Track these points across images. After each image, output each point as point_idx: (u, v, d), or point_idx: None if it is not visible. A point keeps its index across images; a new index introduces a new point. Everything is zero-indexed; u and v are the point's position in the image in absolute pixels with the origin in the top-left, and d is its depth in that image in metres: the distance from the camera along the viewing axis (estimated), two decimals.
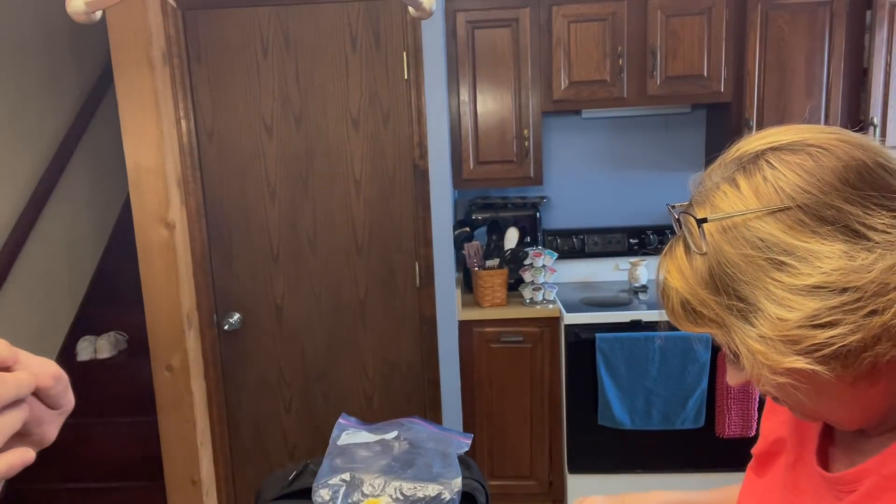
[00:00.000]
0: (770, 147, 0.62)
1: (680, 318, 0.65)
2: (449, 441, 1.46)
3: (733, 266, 0.59)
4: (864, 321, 0.55)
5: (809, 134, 0.62)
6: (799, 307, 0.56)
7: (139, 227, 2.39)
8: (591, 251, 3.22)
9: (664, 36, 2.79)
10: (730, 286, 0.60)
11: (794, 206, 0.58)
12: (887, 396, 0.62)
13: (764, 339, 0.58)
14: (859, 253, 0.56)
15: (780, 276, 0.57)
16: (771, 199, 0.59)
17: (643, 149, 3.24)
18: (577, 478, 2.77)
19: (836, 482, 0.66)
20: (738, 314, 0.59)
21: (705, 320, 0.62)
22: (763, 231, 0.59)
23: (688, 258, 0.63)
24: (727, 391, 2.58)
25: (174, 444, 2.51)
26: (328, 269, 2.63)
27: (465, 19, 2.82)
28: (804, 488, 0.72)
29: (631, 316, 2.66)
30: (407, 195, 2.57)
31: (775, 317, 0.57)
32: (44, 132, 3.31)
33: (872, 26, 2.65)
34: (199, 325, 2.58)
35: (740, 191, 0.61)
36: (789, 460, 0.75)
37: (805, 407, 0.64)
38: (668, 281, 0.65)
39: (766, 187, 0.60)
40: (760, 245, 0.58)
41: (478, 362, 2.80)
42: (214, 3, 2.47)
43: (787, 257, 0.57)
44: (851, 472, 0.64)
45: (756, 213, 0.59)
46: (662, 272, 0.66)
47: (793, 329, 0.56)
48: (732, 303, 0.60)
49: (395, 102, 2.53)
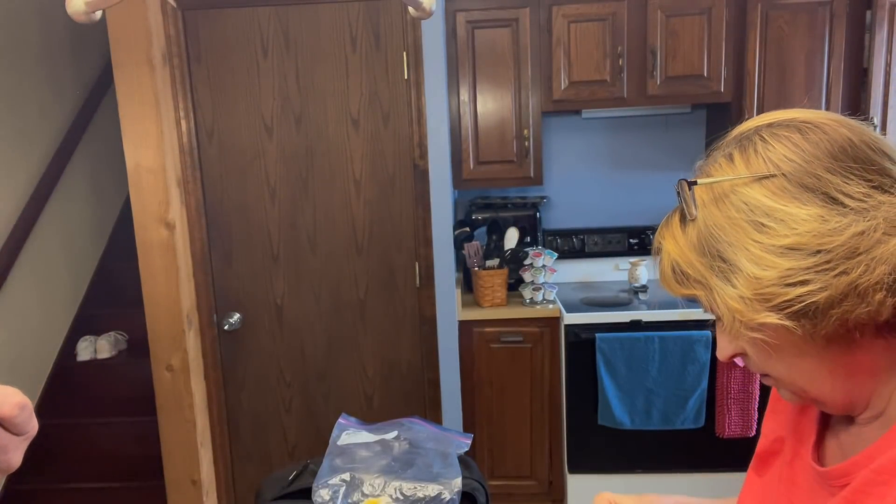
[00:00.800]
0: (766, 124, 0.67)
1: (669, 280, 0.70)
2: (449, 441, 1.46)
3: (719, 228, 0.64)
4: (833, 280, 0.58)
5: (803, 114, 0.66)
6: (773, 266, 0.60)
7: (139, 227, 2.39)
8: (591, 251, 3.22)
9: (664, 36, 2.79)
10: (714, 247, 0.64)
11: (779, 174, 0.62)
12: (871, 377, 0.64)
13: (742, 298, 0.62)
14: (833, 217, 0.59)
15: (759, 237, 0.61)
16: (759, 168, 0.63)
17: (643, 149, 3.24)
18: (577, 478, 2.77)
19: (828, 476, 0.67)
20: (720, 274, 0.63)
21: (691, 281, 0.67)
22: (748, 196, 0.63)
23: (682, 226, 0.68)
24: (727, 391, 2.58)
25: (174, 444, 2.51)
26: (328, 269, 2.63)
27: (465, 19, 2.82)
28: (800, 483, 0.73)
29: (631, 316, 2.66)
30: (407, 195, 2.57)
31: (752, 275, 0.61)
32: (44, 132, 3.31)
33: (872, 26, 2.65)
34: (199, 325, 2.58)
35: (733, 162, 0.66)
36: (787, 457, 0.76)
37: (788, 379, 0.67)
38: (662, 245, 0.70)
39: (756, 158, 0.64)
40: (744, 208, 0.63)
41: (478, 362, 2.80)
42: (214, 3, 2.47)
43: (767, 219, 0.61)
44: (842, 466, 0.66)
45: (743, 180, 0.64)
46: (658, 238, 0.71)
47: (767, 287, 0.60)
48: (715, 263, 0.64)
49: (395, 102, 2.52)
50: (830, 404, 0.68)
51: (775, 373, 0.67)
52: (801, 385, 0.66)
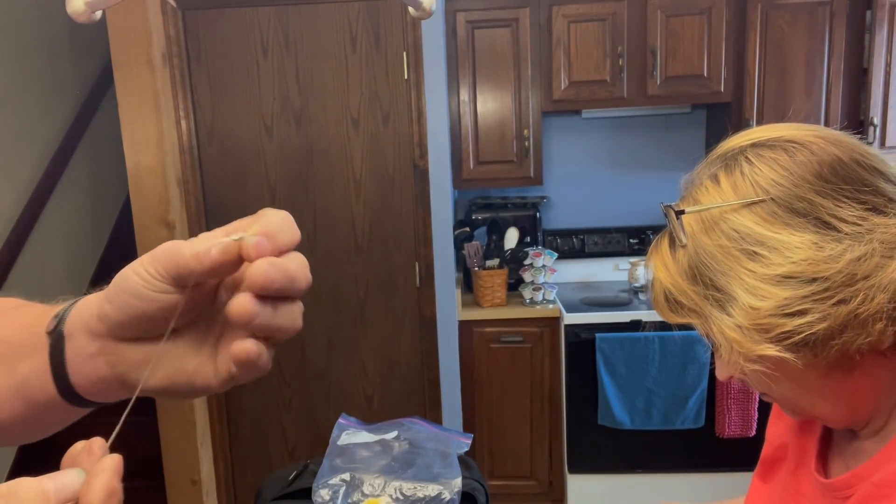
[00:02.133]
0: (750, 144, 0.65)
1: (662, 308, 0.68)
2: (449, 441, 1.46)
3: (710, 256, 0.62)
4: (832, 310, 0.56)
5: (788, 131, 0.64)
6: (770, 296, 0.58)
7: (139, 227, 2.39)
8: (591, 251, 3.22)
9: (664, 36, 2.79)
10: (707, 276, 0.62)
11: (768, 199, 0.60)
12: (872, 395, 0.63)
13: (739, 327, 0.60)
14: (828, 244, 0.57)
15: (753, 266, 0.59)
16: (747, 192, 0.62)
17: (643, 149, 3.24)
18: (577, 478, 2.77)
19: (831, 488, 0.67)
20: (715, 303, 0.62)
21: (685, 310, 0.65)
22: (738, 223, 0.61)
23: (671, 251, 0.67)
24: (727, 391, 2.58)
25: (174, 444, 2.51)
26: (328, 269, 2.63)
27: (465, 19, 2.82)
28: (805, 493, 0.72)
29: (631, 316, 2.65)
30: (407, 195, 2.57)
31: (748, 306, 0.59)
32: (44, 132, 3.31)
33: (872, 26, 2.65)
34: None
35: (720, 186, 0.64)
36: (791, 465, 0.76)
37: (789, 400, 0.65)
38: (653, 273, 0.68)
39: (744, 182, 0.62)
40: (735, 236, 0.61)
41: (478, 362, 2.80)
42: (214, 3, 2.47)
43: (760, 248, 0.59)
44: (844, 478, 0.65)
45: (732, 206, 0.62)
46: (649, 265, 0.70)
47: (764, 317, 0.58)
48: (709, 292, 0.62)
49: (395, 102, 2.52)
50: (832, 421, 0.67)
51: (776, 395, 0.66)
52: (802, 406, 0.66)
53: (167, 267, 0.40)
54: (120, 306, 0.42)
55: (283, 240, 0.42)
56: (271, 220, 0.42)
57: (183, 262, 0.40)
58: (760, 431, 2.59)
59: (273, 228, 0.42)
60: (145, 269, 0.41)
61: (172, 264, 0.40)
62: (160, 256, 0.41)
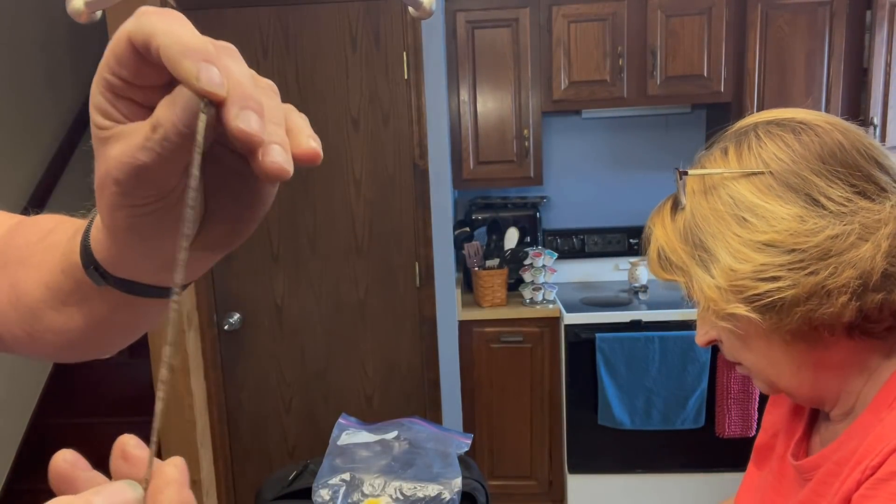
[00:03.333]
0: (763, 122, 0.69)
1: (654, 264, 0.73)
2: (449, 441, 1.46)
3: (704, 218, 0.67)
4: (803, 279, 0.60)
5: (802, 114, 0.68)
6: (749, 260, 0.62)
7: None
8: (591, 251, 3.22)
9: (664, 36, 2.79)
10: (697, 236, 0.67)
11: (767, 172, 0.64)
12: (837, 373, 0.66)
13: (718, 287, 0.64)
14: (812, 219, 0.61)
15: (740, 231, 0.64)
16: (749, 164, 0.66)
17: (643, 149, 3.24)
18: (577, 478, 2.77)
19: (801, 469, 0.70)
20: (700, 263, 0.66)
21: (673, 267, 0.70)
22: (735, 190, 0.65)
23: (672, 213, 0.72)
24: (727, 391, 2.58)
25: (174, 444, 2.51)
26: (328, 269, 2.63)
27: (465, 19, 2.82)
28: (788, 476, 0.75)
29: (631, 316, 2.65)
30: (407, 195, 2.57)
31: (728, 267, 0.63)
32: (44, 132, 3.31)
33: (872, 26, 2.65)
34: (199, 325, 2.58)
35: (727, 156, 0.69)
36: (779, 452, 0.79)
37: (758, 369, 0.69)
38: (652, 230, 0.73)
39: (749, 155, 0.66)
40: (730, 202, 0.65)
41: (478, 362, 2.80)
42: (214, 3, 2.47)
43: (749, 214, 0.64)
44: (812, 459, 0.68)
45: (733, 175, 0.66)
46: (650, 224, 0.74)
47: (740, 279, 0.63)
48: (697, 252, 0.67)
49: (395, 102, 2.52)
50: (798, 396, 0.70)
51: (746, 362, 0.70)
52: (768, 375, 0.69)
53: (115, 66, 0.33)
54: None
55: None
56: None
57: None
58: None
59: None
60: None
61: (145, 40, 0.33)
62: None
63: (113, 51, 0.33)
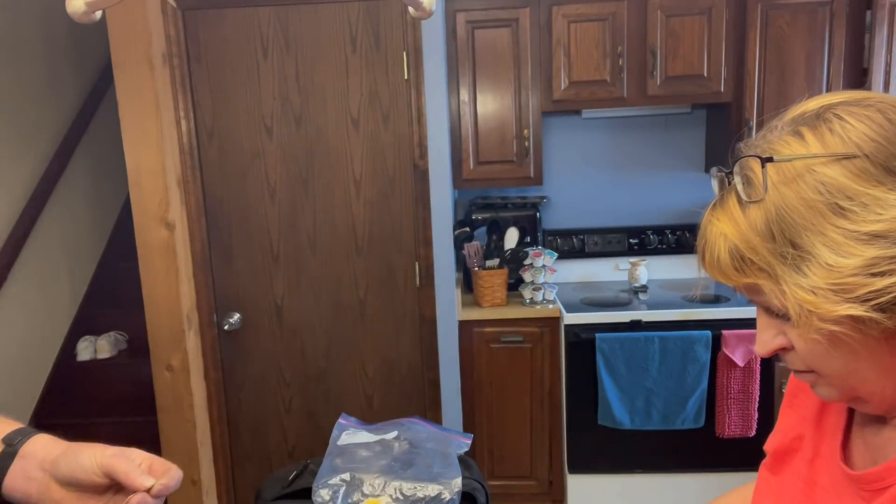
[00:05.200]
0: (838, 102, 0.62)
1: (725, 267, 0.63)
2: (449, 441, 1.46)
3: (791, 210, 0.58)
4: None
5: (874, 95, 0.62)
6: (858, 254, 0.56)
7: (139, 227, 2.39)
8: (591, 251, 3.22)
9: (664, 36, 2.79)
10: (784, 232, 0.59)
11: (861, 155, 0.57)
12: None
13: (815, 288, 0.57)
14: None
15: (841, 222, 0.56)
16: (836, 147, 0.59)
17: (643, 149, 3.24)
18: (577, 478, 2.77)
19: (860, 480, 0.65)
20: (790, 262, 0.58)
21: (753, 269, 0.61)
22: (827, 177, 0.58)
23: (741, 207, 0.62)
24: (727, 391, 2.58)
25: (174, 444, 2.51)
26: (328, 269, 2.63)
27: (465, 19, 2.82)
28: (823, 485, 0.70)
29: (631, 316, 2.66)
30: (407, 195, 2.57)
31: (830, 264, 0.56)
32: (44, 132, 3.31)
33: (872, 26, 2.65)
34: (199, 325, 2.58)
35: (805, 140, 0.61)
36: (807, 456, 0.74)
37: (838, 377, 0.63)
38: (718, 228, 0.63)
39: (833, 137, 0.59)
40: (822, 190, 0.58)
41: (478, 362, 2.80)
42: (214, 3, 2.47)
43: (850, 203, 0.56)
44: (876, 470, 0.63)
45: (822, 160, 0.58)
46: (710, 221, 0.64)
47: (847, 277, 0.56)
48: (786, 249, 0.58)
49: (395, 102, 2.52)
50: (876, 403, 0.64)
51: (826, 370, 0.63)
52: (851, 383, 0.63)
53: (106, 469, 0.67)
54: (67, 466, 0.68)
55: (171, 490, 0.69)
56: (173, 479, 0.69)
57: (120, 473, 0.66)
58: (760, 431, 2.60)
59: (171, 485, 0.68)
60: (96, 459, 0.67)
61: (113, 470, 0.66)
62: (113, 459, 0.67)
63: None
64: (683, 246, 3.15)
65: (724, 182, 0.65)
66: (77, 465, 0.68)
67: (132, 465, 0.67)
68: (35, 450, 0.71)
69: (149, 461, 0.70)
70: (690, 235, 3.13)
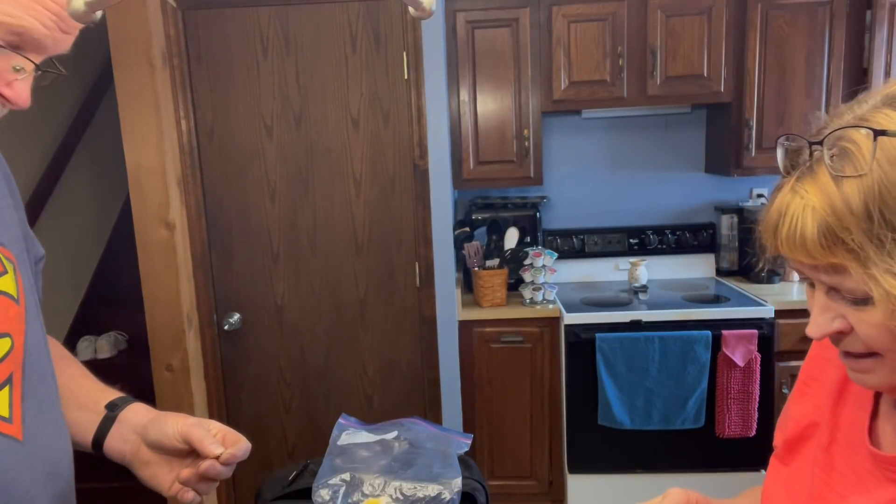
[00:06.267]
0: None
1: (811, 243, 0.57)
2: (449, 441, 1.46)
3: None
4: None
5: None
6: None
7: (139, 227, 2.39)
8: (591, 251, 3.22)
9: (664, 36, 2.79)
10: (885, 213, 0.53)
11: None
12: None
13: None
14: None
15: None
16: None
17: (643, 149, 3.24)
18: (577, 478, 2.77)
19: (891, 463, 0.63)
20: (887, 246, 0.54)
21: (841, 249, 0.56)
22: None
23: (835, 182, 0.56)
24: (727, 391, 2.58)
25: None
26: (328, 269, 2.63)
27: (465, 19, 2.82)
28: (841, 471, 0.69)
29: (631, 316, 2.66)
30: (407, 195, 2.57)
31: None
32: (44, 132, 3.31)
33: (872, 26, 2.65)
34: (199, 325, 2.58)
35: None
36: (822, 442, 0.72)
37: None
38: (806, 201, 0.57)
39: None
40: None
41: (478, 362, 2.80)
42: (214, 3, 2.47)
43: None
44: None
45: None
46: (794, 193, 0.59)
47: None
48: (884, 232, 0.53)
49: (395, 102, 2.53)
50: None
51: (891, 356, 0.59)
52: None
53: (185, 436, 0.76)
54: (154, 432, 0.79)
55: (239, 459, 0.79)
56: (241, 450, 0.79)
57: (195, 441, 0.76)
58: (760, 431, 2.60)
59: (239, 455, 0.78)
60: (177, 427, 0.77)
61: (190, 438, 0.76)
62: (191, 428, 0.77)
63: None
64: (683, 246, 3.15)
65: (802, 154, 0.59)
66: (161, 432, 0.77)
67: (207, 434, 0.75)
68: (130, 416, 0.81)
69: (223, 432, 0.78)
70: (690, 235, 3.14)
